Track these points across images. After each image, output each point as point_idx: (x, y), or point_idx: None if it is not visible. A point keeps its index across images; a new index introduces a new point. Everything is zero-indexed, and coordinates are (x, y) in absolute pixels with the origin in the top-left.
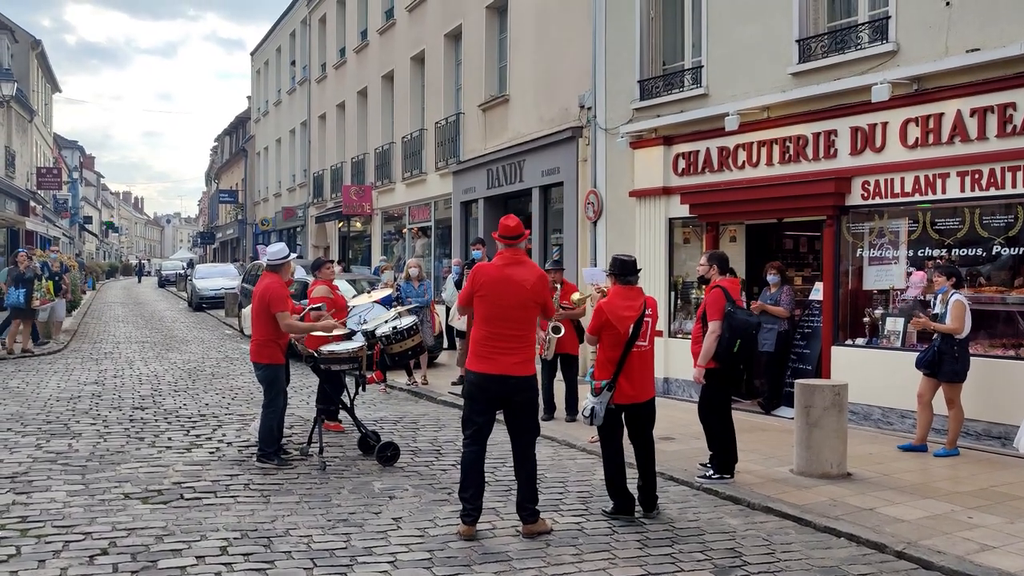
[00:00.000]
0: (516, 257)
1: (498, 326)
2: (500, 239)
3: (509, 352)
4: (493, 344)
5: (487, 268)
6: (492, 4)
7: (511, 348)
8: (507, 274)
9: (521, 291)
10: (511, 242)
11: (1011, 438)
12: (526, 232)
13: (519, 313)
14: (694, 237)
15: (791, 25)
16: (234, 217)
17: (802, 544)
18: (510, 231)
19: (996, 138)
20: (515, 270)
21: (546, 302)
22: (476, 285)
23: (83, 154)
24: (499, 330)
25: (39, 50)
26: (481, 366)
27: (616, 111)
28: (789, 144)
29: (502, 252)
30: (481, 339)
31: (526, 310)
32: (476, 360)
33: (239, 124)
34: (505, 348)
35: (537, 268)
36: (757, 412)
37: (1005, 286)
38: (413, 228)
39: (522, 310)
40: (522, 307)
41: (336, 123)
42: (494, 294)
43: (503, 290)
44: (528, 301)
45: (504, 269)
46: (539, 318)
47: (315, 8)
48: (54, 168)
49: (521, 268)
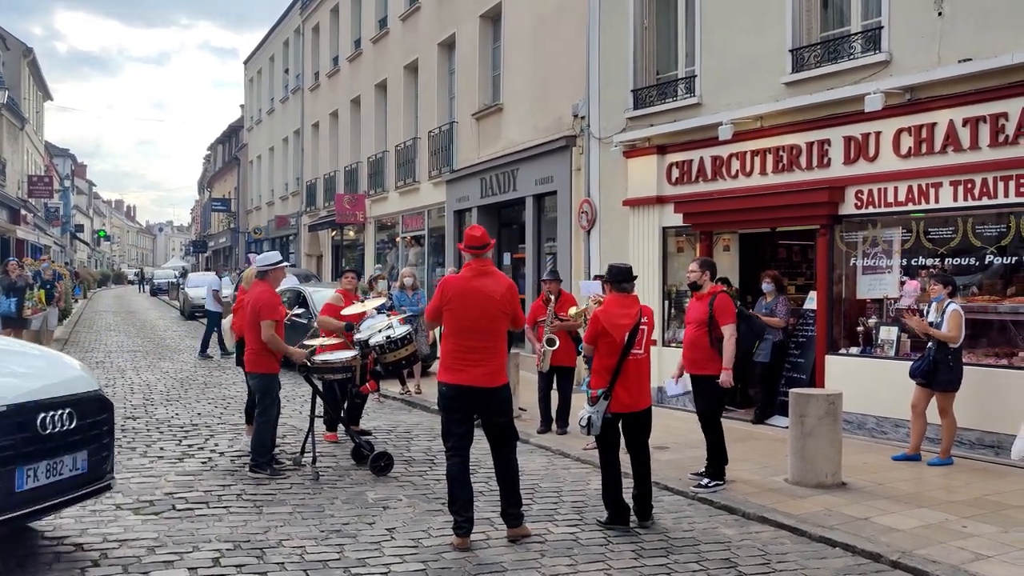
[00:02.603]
0: (484, 268)
1: (467, 338)
2: (467, 249)
3: (478, 363)
4: (463, 356)
5: (454, 280)
6: (486, 13)
7: (480, 360)
8: (475, 286)
9: (490, 302)
10: (478, 252)
11: (1004, 447)
12: (491, 242)
13: (488, 324)
14: (688, 246)
15: (784, 35)
16: (227, 225)
17: (797, 554)
18: (476, 241)
19: (988, 148)
20: (483, 281)
21: (516, 312)
22: (444, 298)
23: (75, 162)
24: (468, 342)
25: (30, 58)
26: (451, 377)
27: (610, 120)
28: (783, 153)
29: (469, 263)
30: (450, 351)
31: (495, 321)
32: (446, 372)
33: (232, 132)
34: (475, 360)
35: (505, 278)
36: (747, 421)
37: (998, 295)
38: (406, 237)
39: (491, 321)
40: (491, 318)
41: (329, 131)
42: (463, 307)
43: (472, 303)
44: (497, 312)
45: (472, 281)
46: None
47: (309, 17)
48: (45, 176)
49: (489, 279)
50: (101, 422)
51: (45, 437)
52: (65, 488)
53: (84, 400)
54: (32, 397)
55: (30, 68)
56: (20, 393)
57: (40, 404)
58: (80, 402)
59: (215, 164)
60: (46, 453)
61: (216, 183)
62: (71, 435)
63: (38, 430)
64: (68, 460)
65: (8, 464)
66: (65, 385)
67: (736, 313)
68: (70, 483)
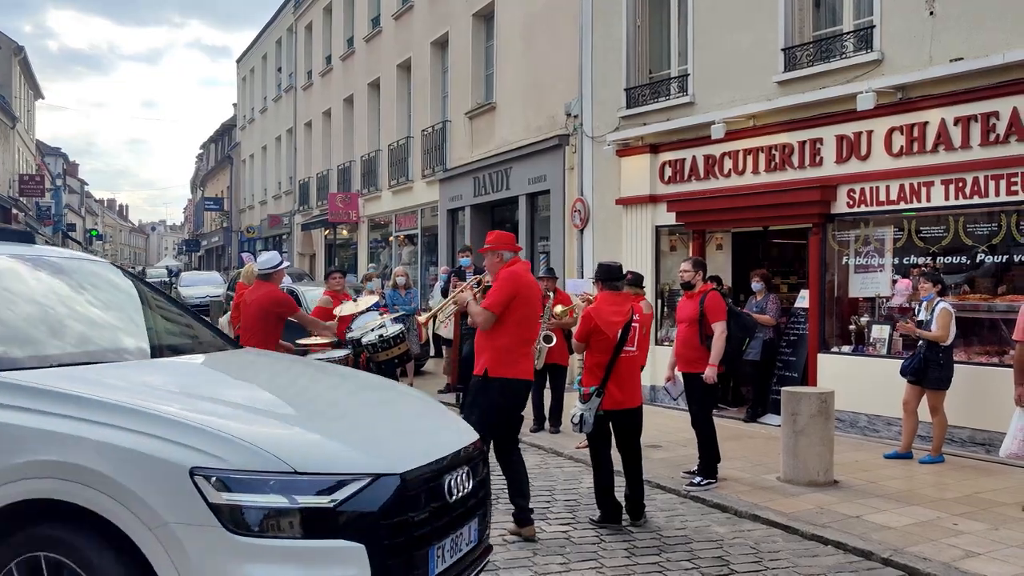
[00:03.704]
0: (526, 264)
1: (527, 330)
2: (511, 246)
3: (529, 356)
4: (521, 349)
5: (521, 272)
6: (479, 12)
7: (529, 352)
8: (532, 279)
9: (538, 296)
10: (517, 250)
11: (995, 444)
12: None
13: (537, 317)
14: (681, 245)
15: (777, 34)
16: (220, 225)
17: (789, 552)
18: (514, 240)
19: (979, 147)
20: (531, 276)
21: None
22: (517, 288)
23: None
24: (526, 334)
25: (21, 56)
26: (517, 372)
27: (603, 119)
28: (775, 152)
29: (518, 259)
30: (512, 345)
31: (539, 314)
32: (513, 367)
33: (225, 131)
34: (528, 352)
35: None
36: (739, 420)
37: (989, 294)
38: (400, 236)
39: (538, 314)
40: (538, 312)
41: (322, 130)
42: (529, 298)
43: (534, 294)
44: (540, 306)
45: (528, 275)
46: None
47: (301, 15)
48: (37, 175)
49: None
50: (487, 478)
51: (452, 505)
52: (464, 567)
53: (475, 453)
54: (441, 453)
55: (21, 66)
56: (431, 450)
57: (446, 463)
58: (473, 457)
59: (208, 163)
60: (452, 525)
61: (209, 182)
62: (469, 499)
63: (446, 497)
64: (466, 531)
65: (422, 545)
66: (458, 434)
67: (726, 311)
68: (467, 560)
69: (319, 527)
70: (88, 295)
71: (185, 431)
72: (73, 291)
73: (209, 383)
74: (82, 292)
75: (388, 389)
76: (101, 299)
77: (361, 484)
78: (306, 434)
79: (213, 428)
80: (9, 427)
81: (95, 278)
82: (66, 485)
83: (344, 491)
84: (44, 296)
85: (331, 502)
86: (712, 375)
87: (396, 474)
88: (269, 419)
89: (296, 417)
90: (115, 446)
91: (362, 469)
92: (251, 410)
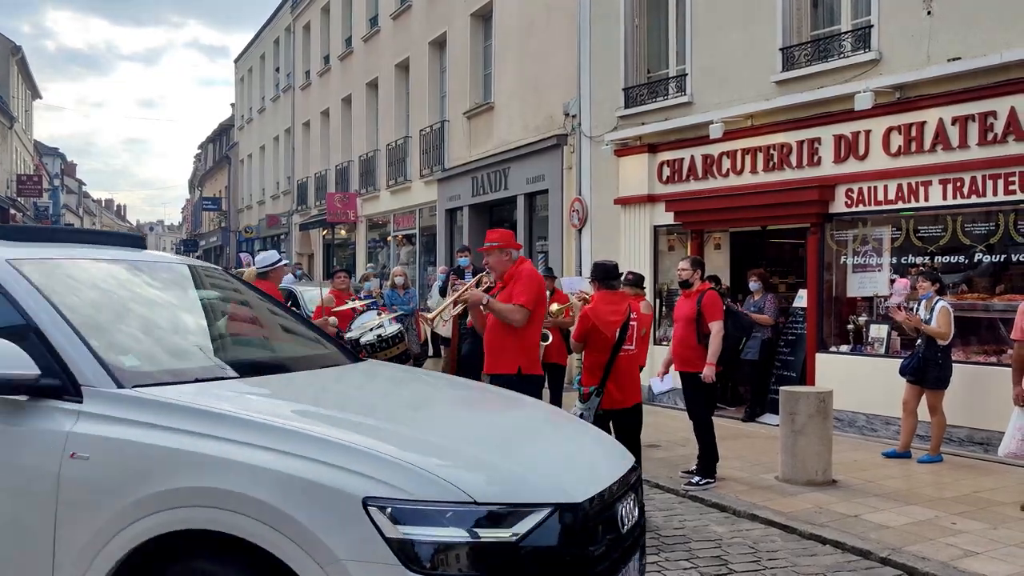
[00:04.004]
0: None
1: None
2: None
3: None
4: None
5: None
6: (477, 12)
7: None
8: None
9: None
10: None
11: (993, 444)
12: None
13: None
14: (679, 245)
15: (775, 33)
16: (218, 225)
17: (788, 551)
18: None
19: (977, 146)
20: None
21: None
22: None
23: (64, 161)
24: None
25: (19, 56)
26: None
27: (601, 119)
28: (773, 152)
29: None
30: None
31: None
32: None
33: (223, 131)
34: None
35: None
36: (738, 419)
37: (987, 293)
38: (398, 236)
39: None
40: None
41: (320, 130)
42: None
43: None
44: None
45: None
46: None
47: (299, 15)
48: (35, 175)
49: None
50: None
51: (623, 536)
52: None
53: (635, 478)
54: (611, 478)
55: (19, 66)
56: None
57: (617, 489)
58: (633, 482)
59: (206, 163)
60: (623, 559)
61: (207, 182)
62: (635, 528)
63: (619, 527)
64: (631, 566)
65: None
66: (621, 457)
67: (723, 310)
68: None
69: (498, 563)
70: (208, 303)
71: (353, 455)
72: (193, 299)
73: (354, 400)
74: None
75: (532, 406)
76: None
77: (542, 515)
78: (480, 459)
79: (383, 452)
80: (156, 450)
81: (210, 285)
82: (221, 515)
83: (525, 523)
84: (166, 305)
85: (512, 535)
86: (710, 374)
87: (577, 503)
88: (436, 442)
89: (463, 440)
90: (277, 472)
91: (543, 498)
92: (412, 431)
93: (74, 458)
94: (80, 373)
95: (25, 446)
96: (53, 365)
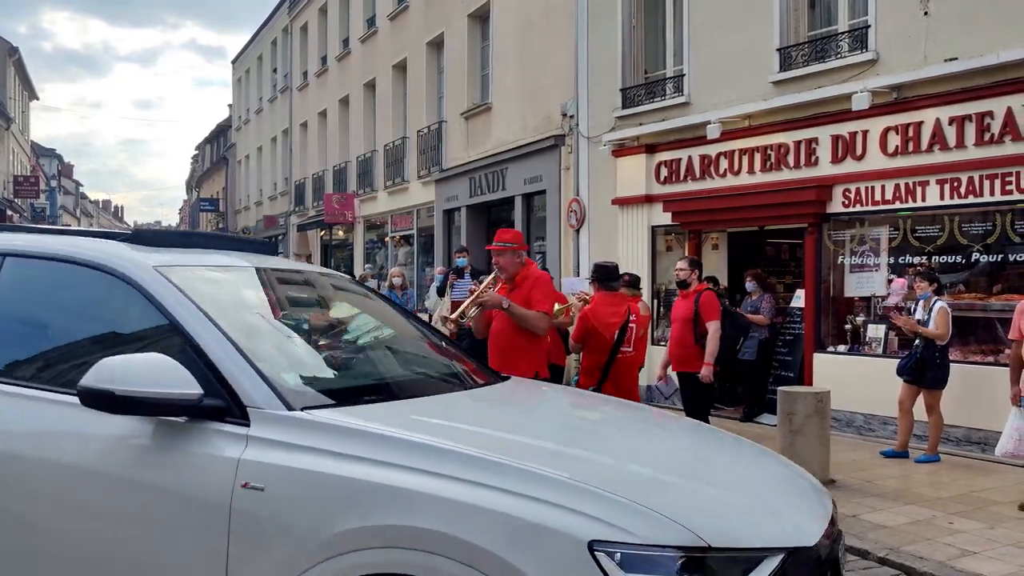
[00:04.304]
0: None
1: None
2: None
3: None
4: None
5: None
6: (474, 12)
7: None
8: None
9: None
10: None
11: (991, 443)
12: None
13: None
14: (677, 245)
15: (772, 34)
16: (215, 225)
17: None
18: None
19: (974, 146)
20: None
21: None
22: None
23: (61, 162)
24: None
25: (16, 57)
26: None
27: (598, 119)
28: (770, 152)
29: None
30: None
31: None
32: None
33: (220, 132)
34: None
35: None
36: (736, 419)
37: (984, 293)
38: (395, 236)
39: None
40: None
41: (318, 131)
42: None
43: None
44: None
45: None
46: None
47: (297, 16)
48: (31, 176)
49: None
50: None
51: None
52: None
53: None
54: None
55: (16, 67)
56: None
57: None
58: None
59: (203, 164)
60: None
61: (204, 183)
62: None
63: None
64: None
65: None
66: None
67: (720, 310)
68: None
69: None
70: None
71: (571, 492)
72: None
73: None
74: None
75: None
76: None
77: (776, 561)
78: (703, 495)
79: (604, 488)
80: (342, 481)
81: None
82: (424, 558)
83: (760, 570)
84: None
85: None
86: (708, 374)
87: (810, 546)
88: (647, 474)
89: (670, 470)
90: (493, 511)
91: (777, 541)
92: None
93: (247, 488)
94: (245, 393)
95: (187, 473)
96: (215, 384)
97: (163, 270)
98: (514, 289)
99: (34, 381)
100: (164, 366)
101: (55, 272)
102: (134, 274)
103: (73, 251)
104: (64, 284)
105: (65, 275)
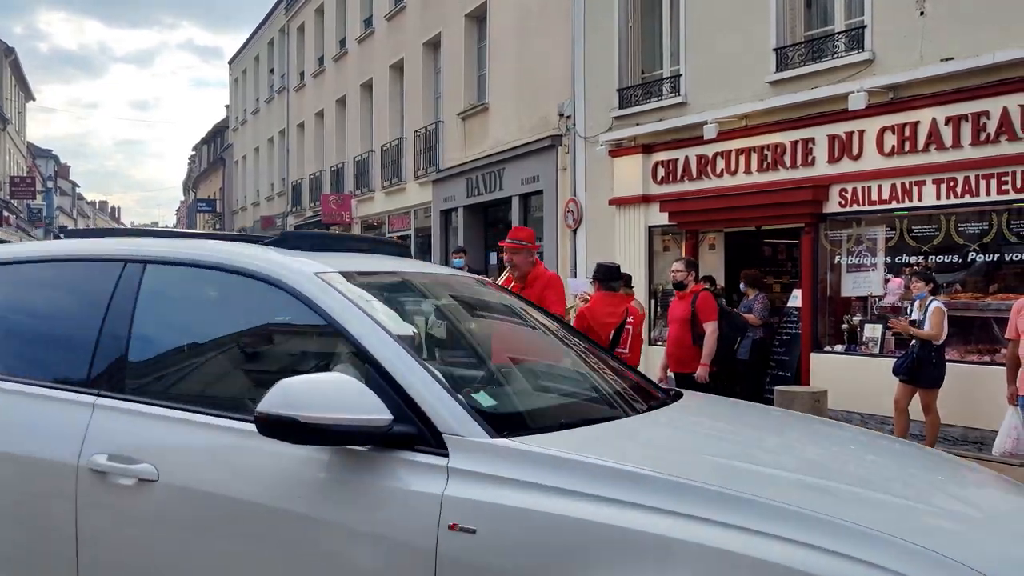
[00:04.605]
0: None
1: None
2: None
3: None
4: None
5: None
6: (471, 13)
7: None
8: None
9: None
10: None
11: (987, 443)
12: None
13: None
14: (674, 245)
15: (769, 34)
16: (212, 226)
17: None
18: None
19: (970, 146)
20: None
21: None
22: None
23: (58, 163)
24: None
25: (12, 58)
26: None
27: (595, 119)
28: (767, 152)
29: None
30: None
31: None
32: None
33: (217, 133)
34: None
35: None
36: None
37: (980, 292)
38: (393, 237)
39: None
40: None
41: (315, 132)
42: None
43: None
44: None
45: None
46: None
47: (293, 16)
48: (28, 177)
49: None
50: None
51: None
52: None
53: None
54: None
55: (12, 68)
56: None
57: None
58: None
59: (200, 164)
60: None
61: (201, 184)
62: None
63: None
64: None
65: None
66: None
67: (717, 311)
68: None
69: None
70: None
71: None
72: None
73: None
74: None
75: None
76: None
77: None
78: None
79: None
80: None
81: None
82: None
83: None
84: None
85: None
86: (703, 374)
87: None
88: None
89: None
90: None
91: None
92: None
93: (455, 530)
94: (439, 417)
95: (379, 512)
96: (403, 408)
97: (327, 278)
98: (525, 288)
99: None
100: (351, 389)
101: (203, 280)
102: (296, 283)
103: (222, 257)
104: (214, 294)
105: (214, 284)
